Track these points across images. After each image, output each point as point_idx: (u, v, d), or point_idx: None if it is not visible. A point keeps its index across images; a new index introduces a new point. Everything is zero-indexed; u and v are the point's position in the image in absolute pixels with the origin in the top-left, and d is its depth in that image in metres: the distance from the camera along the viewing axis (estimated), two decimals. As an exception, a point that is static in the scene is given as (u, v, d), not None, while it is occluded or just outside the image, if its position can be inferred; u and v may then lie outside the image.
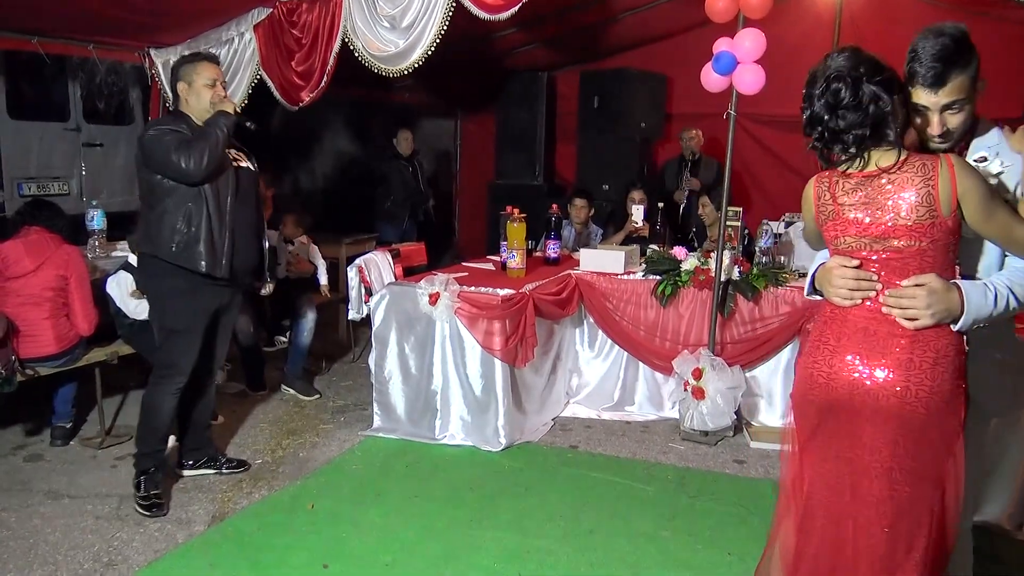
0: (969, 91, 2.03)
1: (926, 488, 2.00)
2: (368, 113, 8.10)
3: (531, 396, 4.48)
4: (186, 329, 3.50)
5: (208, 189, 3.37)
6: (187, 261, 3.38)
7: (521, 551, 3.18)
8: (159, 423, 3.54)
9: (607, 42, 7.23)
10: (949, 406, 1.96)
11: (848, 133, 1.95)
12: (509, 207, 4.86)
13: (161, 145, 3.31)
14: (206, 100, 3.47)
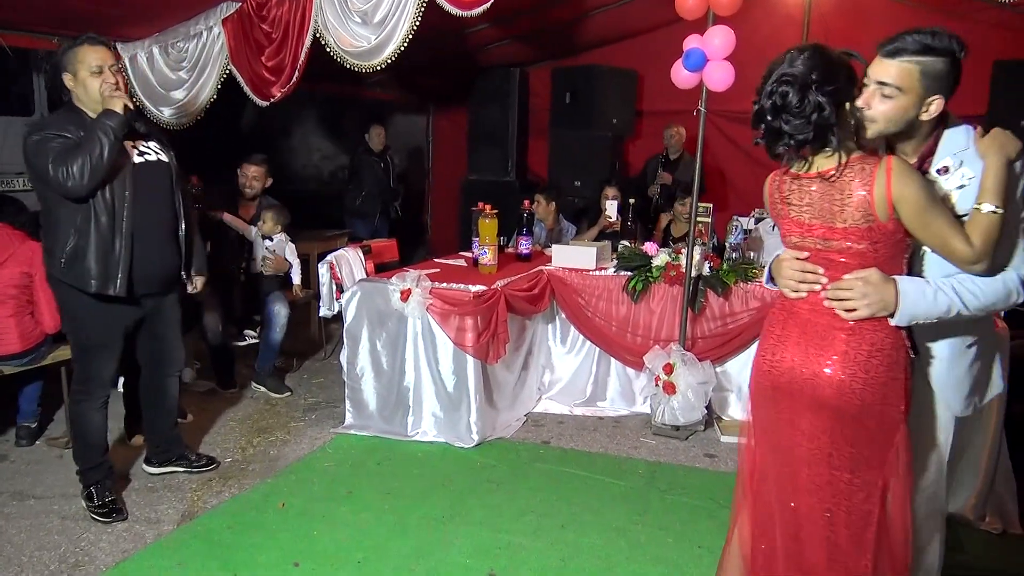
0: (911, 87, 1.99)
1: (869, 475, 2.05)
2: (340, 109, 8.06)
3: (503, 392, 4.49)
4: (101, 344, 3.32)
5: (99, 195, 3.09)
6: (75, 279, 3.14)
7: (493, 547, 3.19)
8: (93, 438, 3.40)
9: (579, 39, 7.24)
10: (885, 398, 2.01)
11: (791, 137, 1.97)
12: (481, 203, 4.85)
13: (41, 155, 3.01)
14: (95, 90, 3.14)
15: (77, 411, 3.39)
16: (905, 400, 2.02)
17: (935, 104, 2.00)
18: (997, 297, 1.99)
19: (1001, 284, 1.99)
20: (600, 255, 4.82)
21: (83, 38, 3.20)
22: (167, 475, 3.77)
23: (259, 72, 4.61)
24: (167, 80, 4.87)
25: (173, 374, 3.70)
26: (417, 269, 4.52)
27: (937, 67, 1.99)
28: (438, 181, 8.92)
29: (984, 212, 1.91)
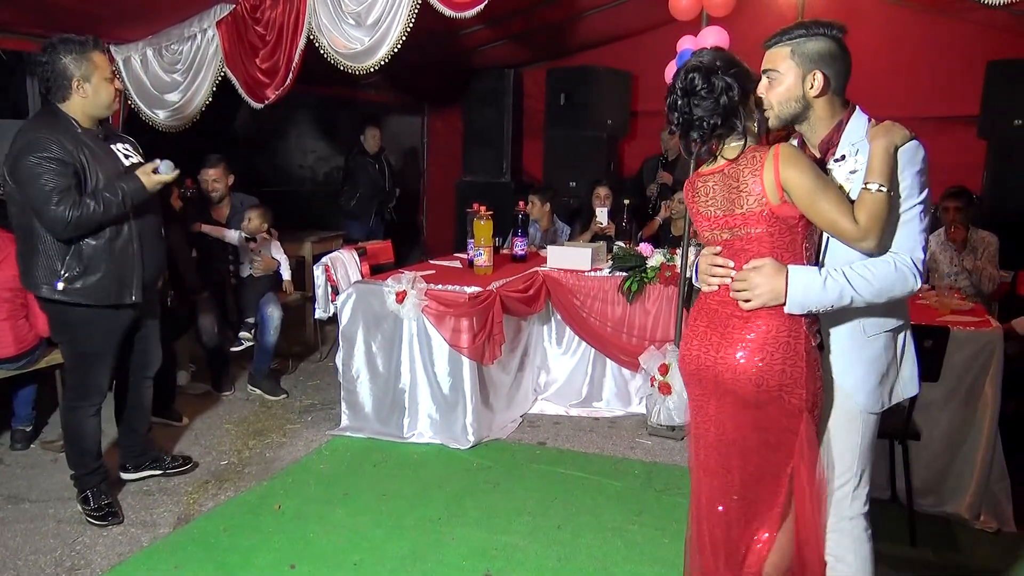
0: (788, 67, 2.11)
1: (773, 461, 2.13)
2: (335, 111, 8.04)
3: (499, 393, 4.49)
4: (100, 352, 3.31)
5: None
6: (85, 296, 3.11)
7: (489, 548, 3.19)
8: (87, 444, 3.39)
9: (573, 39, 7.25)
10: (782, 386, 2.06)
11: (702, 121, 2.07)
12: (476, 204, 4.85)
13: (38, 185, 2.94)
14: (108, 97, 3.15)
15: (72, 419, 3.37)
16: (807, 388, 2.06)
17: (816, 80, 2.09)
18: (890, 282, 2.01)
19: (893, 268, 2.01)
20: (595, 256, 4.82)
21: (90, 41, 3.15)
22: (160, 478, 3.75)
23: (253, 74, 4.61)
24: (161, 83, 4.87)
25: (150, 376, 3.69)
26: (412, 271, 4.52)
27: (808, 45, 2.10)
28: (433, 182, 8.91)
29: (871, 191, 1.98)
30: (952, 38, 6.30)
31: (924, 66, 6.41)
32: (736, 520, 2.20)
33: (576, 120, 7.18)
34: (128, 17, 4.66)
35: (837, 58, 2.11)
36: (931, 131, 6.47)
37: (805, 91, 2.11)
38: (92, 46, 3.14)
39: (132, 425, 3.71)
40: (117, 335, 3.35)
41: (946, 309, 3.75)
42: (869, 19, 6.51)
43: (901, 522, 3.32)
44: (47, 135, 3.06)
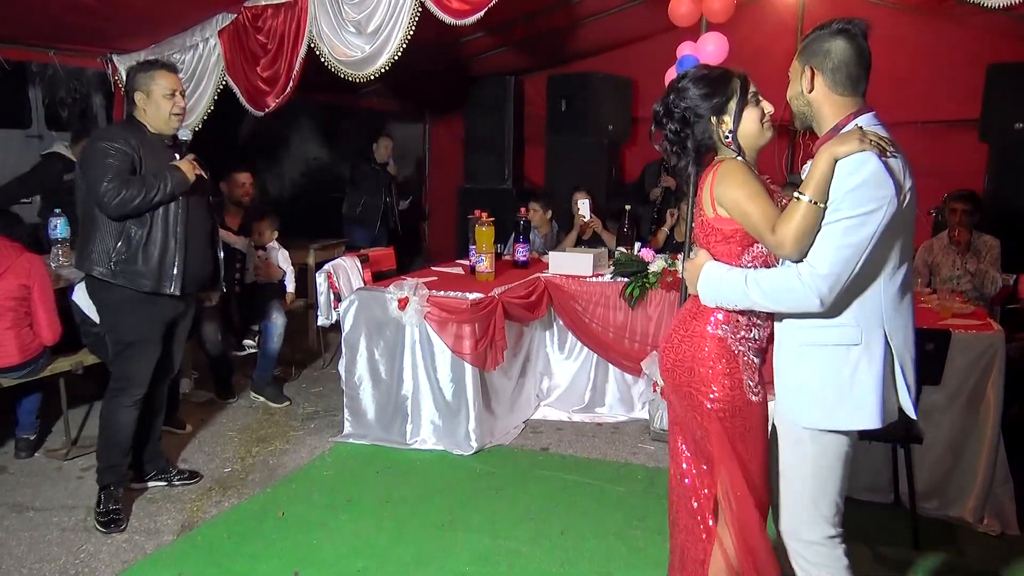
0: (795, 67, 2.12)
1: (699, 461, 2.23)
2: (336, 118, 8.07)
3: (501, 399, 4.50)
4: (142, 340, 3.41)
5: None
6: (128, 280, 3.30)
7: (493, 553, 3.19)
8: (120, 437, 3.44)
9: (574, 46, 7.27)
10: (691, 383, 2.16)
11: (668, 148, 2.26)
12: (477, 211, 4.86)
13: (99, 166, 3.20)
14: (165, 111, 3.38)
15: (109, 407, 3.45)
16: (718, 392, 2.12)
17: (806, 75, 2.07)
18: (785, 291, 1.98)
19: (796, 278, 1.96)
20: (597, 261, 4.83)
21: (160, 63, 3.48)
22: (165, 487, 3.76)
23: (254, 83, 4.64)
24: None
25: (166, 382, 3.74)
26: (414, 277, 4.53)
27: (809, 44, 2.09)
28: (435, 189, 8.93)
29: (796, 200, 1.96)
30: (953, 42, 6.31)
31: (925, 70, 6.42)
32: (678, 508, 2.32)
33: (577, 126, 7.20)
34: (131, 28, 4.69)
35: (835, 55, 2.03)
36: (932, 135, 6.52)
37: (803, 88, 2.09)
38: (160, 67, 3.43)
39: (144, 432, 3.70)
40: (158, 326, 3.46)
41: (948, 312, 3.75)
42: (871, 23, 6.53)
43: (904, 526, 3.32)
44: (116, 129, 3.50)
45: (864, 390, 2.00)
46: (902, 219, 1.96)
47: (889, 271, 2.00)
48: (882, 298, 2.00)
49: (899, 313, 2.03)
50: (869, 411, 2.00)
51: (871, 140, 1.92)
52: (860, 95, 2.08)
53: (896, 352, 2.02)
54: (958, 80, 6.29)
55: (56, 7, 4.10)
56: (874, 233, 1.91)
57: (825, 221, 1.94)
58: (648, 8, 6.13)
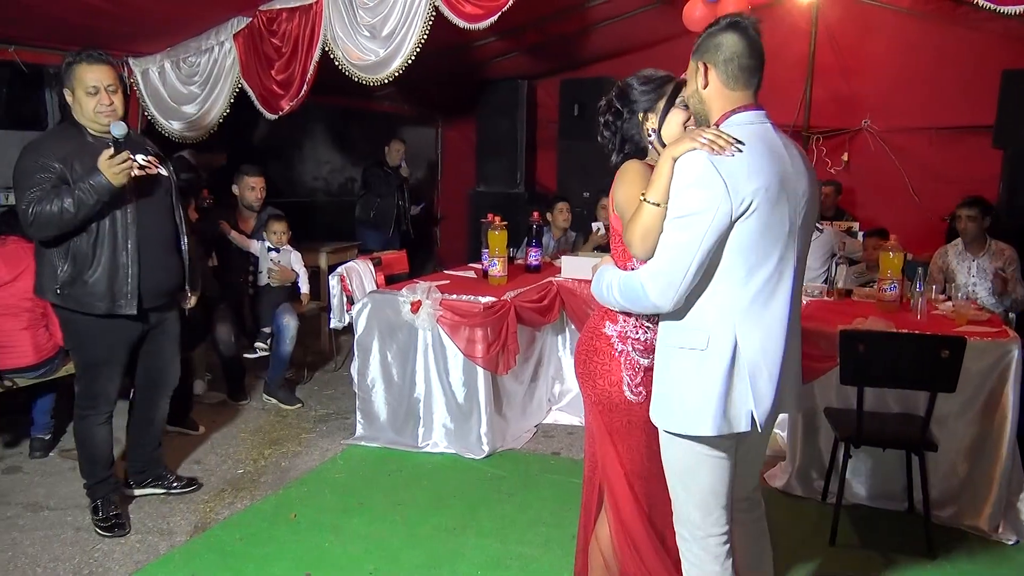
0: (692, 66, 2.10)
1: (590, 444, 2.40)
2: (349, 122, 8.09)
3: (513, 403, 4.50)
4: (105, 361, 3.27)
5: (100, 213, 3.02)
6: (77, 304, 3.08)
7: (504, 558, 3.19)
8: (98, 453, 3.37)
9: (587, 51, 7.28)
10: (584, 374, 2.32)
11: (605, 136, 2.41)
12: (490, 215, 4.87)
13: (21, 183, 2.95)
14: (89, 110, 3.06)
15: (82, 427, 3.35)
16: (600, 386, 2.26)
17: (699, 72, 2.04)
18: (631, 288, 2.02)
19: (636, 277, 2.00)
20: (609, 266, 4.82)
21: (83, 55, 3.10)
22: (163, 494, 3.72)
23: (269, 86, 4.66)
24: (179, 94, 4.92)
25: (166, 395, 3.62)
26: (427, 281, 4.54)
27: (701, 41, 2.08)
28: (447, 193, 8.96)
29: (643, 202, 1.99)
30: (967, 48, 6.29)
31: (939, 76, 6.40)
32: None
33: (589, 130, 7.05)
34: (147, 31, 4.72)
35: (726, 47, 1.99)
36: (946, 141, 6.51)
37: (698, 86, 2.06)
38: (81, 59, 3.09)
39: (139, 440, 3.65)
40: (122, 346, 3.30)
41: (962, 319, 3.73)
42: (884, 29, 6.52)
43: (918, 534, 3.30)
44: (47, 140, 3.18)
45: (702, 396, 1.96)
46: (757, 222, 1.89)
47: (741, 276, 1.93)
48: (734, 303, 1.95)
49: (756, 321, 1.95)
50: (704, 417, 1.96)
51: (708, 139, 1.89)
52: (752, 90, 2.03)
53: (748, 360, 1.95)
54: (972, 86, 6.27)
55: (73, 10, 4.13)
56: (703, 234, 1.87)
57: (665, 222, 1.95)
58: (661, 13, 6.14)
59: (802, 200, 1.99)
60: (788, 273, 1.99)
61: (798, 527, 3.44)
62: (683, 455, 2.06)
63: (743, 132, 1.94)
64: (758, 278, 1.94)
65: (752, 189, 1.87)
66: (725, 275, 1.94)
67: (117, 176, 2.95)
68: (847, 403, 3.54)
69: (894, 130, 6.69)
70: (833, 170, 6.90)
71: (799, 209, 1.98)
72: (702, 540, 2.10)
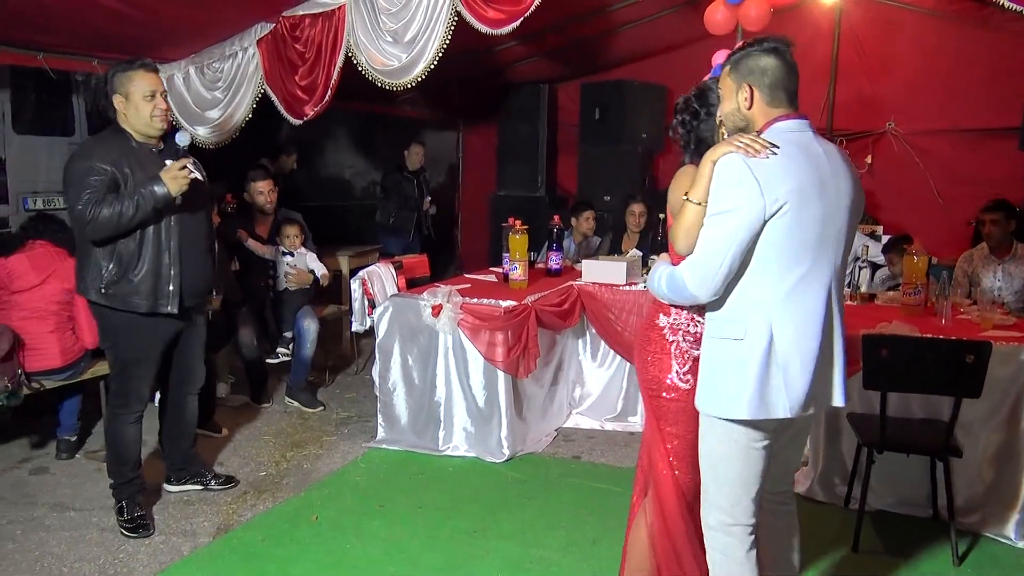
0: (727, 85, 2.22)
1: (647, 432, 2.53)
2: (371, 126, 8.14)
3: (534, 407, 4.50)
4: (141, 359, 3.37)
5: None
6: (120, 303, 3.18)
7: (524, 561, 3.19)
8: (127, 453, 3.45)
9: (608, 54, 7.27)
10: (637, 364, 2.49)
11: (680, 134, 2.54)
12: (511, 219, 4.88)
13: (77, 186, 3.07)
14: (145, 114, 3.20)
15: (112, 425, 3.44)
16: (650, 372, 2.42)
17: (743, 93, 2.16)
18: (676, 281, 2.18)
19: (679, 270, 2.17)
20: (630, 270, 4.81)
21: (138, 63, 3.26)
22: (201, 490, 3.80)
23: (292, 91, 4.69)
24: (202, 100, 4.97)
25: (194, 392, 3.72)
26: (448, 285, 4.55)
27: (740, 62, 2.18)
28: (468, 197, 8.98)
29: (686, 202, 2.17)
30: (992, 49, 6.21)
31: (963, 78, 6.32)
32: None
33: (610, 134, 7.20)
34: (174, 38, 4.77)
35: (771, 73, 2.13)
36: (971, 143, 6.43)
37: (740, 105, 2.18)
38: (138, 67, 3.24)
39: (175, 440, 3.76)
40: (158, 345, 3.41)
41: (988, 324, 3.69)
42: (907, 31, 6.45)
43: (943, 541, 3.27)
44: (95, 144, 3.29)
45: (740, 381, 2.08)
46: (790, 221, 2.02)
47: (776, 272, 2.07)
48: (769, 297, 2.07)
49: (791, 314, 2.07)
50: (741, 402, 2.08)
51: (744, 144, 2.05)
52: (794, 105, 2.18)
53: (781, 351, 2.07)
54: (998, 88, 6.19)
55: (100, 17, 4.19)
56: (736, 230, 2.03)
57: (705, 218, 2.11)
58: (683, 16, 6.12)
59: (842, 203, 2.11)
60: (824, 271, 2.10)
61: (821, 533, 3.41)
62: (719, 441, 2.18)
63: (782, 138, 2.08)
64: (793, 274, 2.07)
65: (785, 190, 2.01)
66: (760, 271, 2.07)
67: (176, 185, 3.11)
68: (870, 408, 3.50)
69: (918, 132, 6.62)
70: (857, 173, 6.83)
71: (838, 211, 2.11)
72: (728, 528, 2.20)
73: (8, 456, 4.23)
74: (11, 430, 4.43)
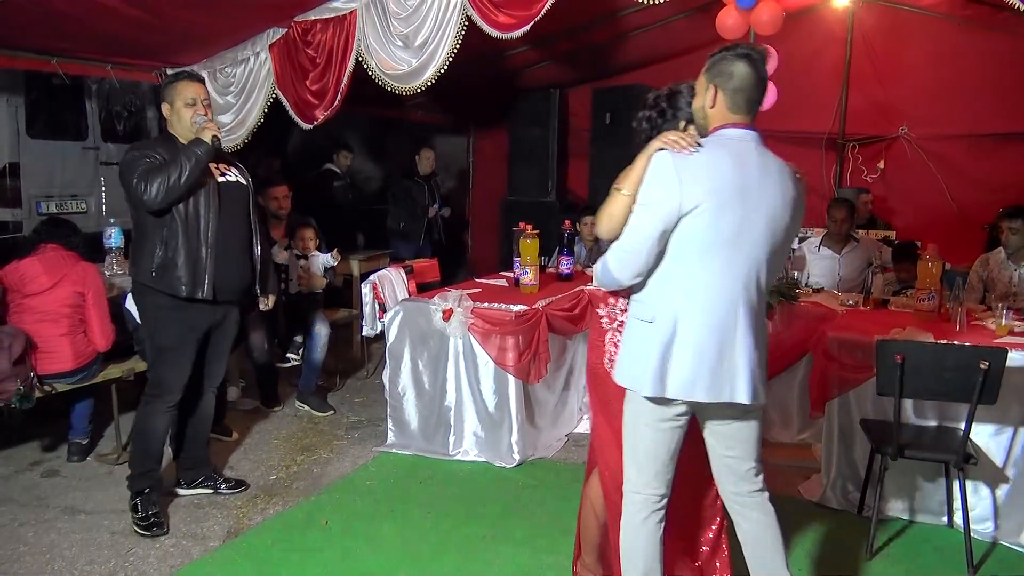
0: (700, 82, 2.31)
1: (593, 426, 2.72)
2: (382, 131, 8.16)
3: (544, 412, 4.48)
4: (177, 346, 3.47)
5: (184, 209, 3.34)
6: (167, 286, 3.37)
7: (535, 568, 3.18)
8: (152, 443, 3.52)
9: (619, 59, 7.27)
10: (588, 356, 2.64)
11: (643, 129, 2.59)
12: (522, 223, 4.87)
13: (130, 169, 3.30)
14: (187, 120, 3.42)
15: (142, 412, 3.52)
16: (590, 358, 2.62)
17: (709, 92, 2.27)
18: (602, 266, 2.33)
19: (606, 256, 2.32)
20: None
21: (183, 73, 3.61)
22: (211, 494, 3.80)
23: (303, 96, 4.71)
24: (215, 104, 4.96)
25: (214, 388, 3.80)
26: (459, 289, 4.54)
27: (715, 62, 2.28)
28: (478, 201, 8.98)
29: (615, 190, 2.34)
30: (1007, 54, 6.18)
31: (978, 82, 6.29)
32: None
33: (621, 139, 7.17)
34: (185, 43, 4.80)
35: (737, 78, 2.22)
36: (985, 148, 6.39)
37: (705, 104, 2.29)
38: (183, 77, 3.52)
39: (190, 437, 3.79)
40: (194, 333, 3.51)
41: (1004, 330, 3.66)
42: (921, 35, 6.42)
43: (958, 549, 3.23)
44: (148, 142, 3.66)
45: (645, 360, 2.25)
46: (705, 220, 2.16)
47: (689, 264, 2.21)
48: (680, 288, 2.23)
49: (696, 305, 2.22)
50: (644, 379, 2.25)
51: (672, 139, 2.20)
52: (751, 116, 2.27)
53: (680, 338, 2.22)
54: (1013, 93, 6.15)
55: (114, 23, 4.22)
56: (655, 220, 2.19)
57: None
58: (694, 21, 6.11)
59: (764, 213, 2.21)
60: (737, 271, 2.22)
61: (834, 540, 3.38)
62: (631, 412, 2.38)
63: (720, 143, 2.23)
64: (703, 270, 2.21)
65: (703, 191, 2.15)
66: (674, 262, 2.23)
67: (208, 133, 3.35)
68: (884, 414, 3.48)
69: (931, 137, 6.59)
70: (869, 178, 6.81)
71: (758, 219, 2.21)
72: (631, 495, 2.40)
73: (20, 459, 4.24)
74: (23, 433, 4.44)
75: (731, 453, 2.41)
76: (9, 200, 5.95)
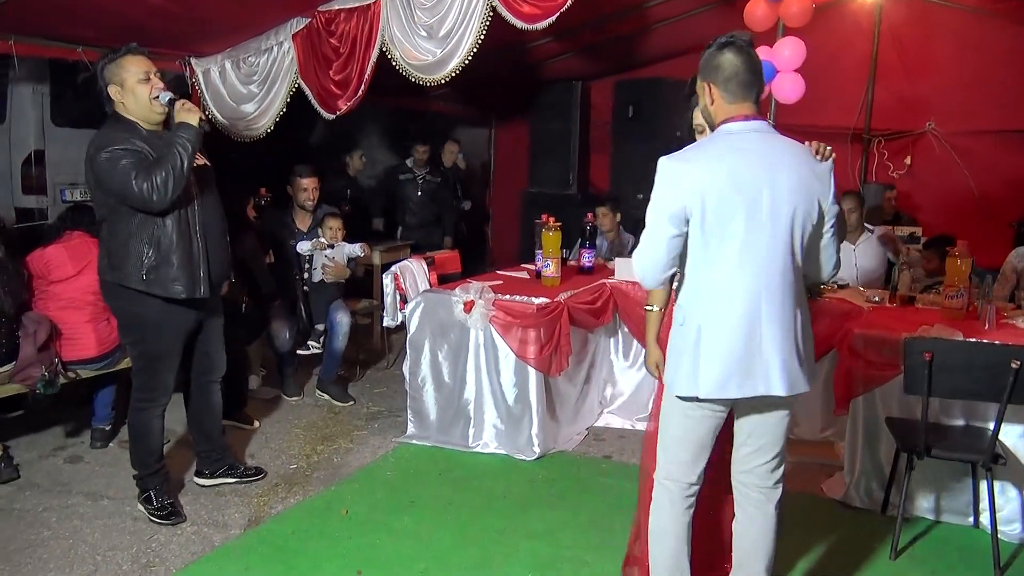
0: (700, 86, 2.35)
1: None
2: (404, 122, 8.14)
3: (565, 405, 4.47)
4: (168, 352, 3.38)
5: (176, 207, 3.17)
6: (161, 288, 3.19)
7: (555, 561, 3.17)
8: (151, 444, 3.47)
9: (642, 52, 7.20)
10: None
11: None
12: (544, 216, 4.85)
13: (118, 171, 3.05)
14: (144, 98, 3.17)
15: (139, 419, 3.45)
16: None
17: (705, 90, 2.32)
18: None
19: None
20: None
21: (124, 49, 3.22)
22: (234, 483, 3.81)
23: (326, 86, 4.70)
24: (238, 94, 5.00)
25: (217, 380, 3.73)
26: (480, 281, 4.53)
27: (703, 62, 2.32)
28: (499, 193, 8.95)
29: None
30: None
31: (1008, 77, 6.19)
32: None
33: (643, 132, 7.14)
34: (209, 32, 4.80)
35: (725, 67, 2.25)
36: (1014, 144, 6.29)
37: (706, 103, 2.34)
38: (125, 52, 3.21)
39: (204, 430, 3.77)
40: (183, 335, 3.43)
41: (1034, 329, 3.60)
42: (950, 29, 6.33)
43: (985, 550, 3.18)
44: (113, 133, 3.19)
45: (676, 363, 2.34)
46: (711, 215, 2.19)
47: (706, 264, 2.25)
48: (699, 289, 2.28)
49: (714, 305, 2.25)
50: (679, 381, 2.32)
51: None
52: (751, 100, 2.28)
53: (705, 338, 2.25)
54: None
55: (140, 11, 4.22)
56: (661, 223, 2.25)
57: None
58: (719, 13, 6.04)
59: (778, 198, 2.19)
60: (755, 266, 2.22)
61: (858, 540, 3.35)
62: (667, 405, 2.45)
63: (719, 141, 2.27)
64: (717, 270, 2.24)
65: (701, 191, 2.19)
66: (692, 265, 2.29)
67: (193, 116, 3.17)
68: (910, 413, 3.44)
69: (959, 133, 6.49)
70: (896, 174, 6.73)
71: (772, 206, 2.20)
72: (663, 481, 2.48)
73: (43, 444, 4.27)
74: (46, 418, 4.48)
75: (756, 443, 2.43)
76: (34, 188, 5.98)
